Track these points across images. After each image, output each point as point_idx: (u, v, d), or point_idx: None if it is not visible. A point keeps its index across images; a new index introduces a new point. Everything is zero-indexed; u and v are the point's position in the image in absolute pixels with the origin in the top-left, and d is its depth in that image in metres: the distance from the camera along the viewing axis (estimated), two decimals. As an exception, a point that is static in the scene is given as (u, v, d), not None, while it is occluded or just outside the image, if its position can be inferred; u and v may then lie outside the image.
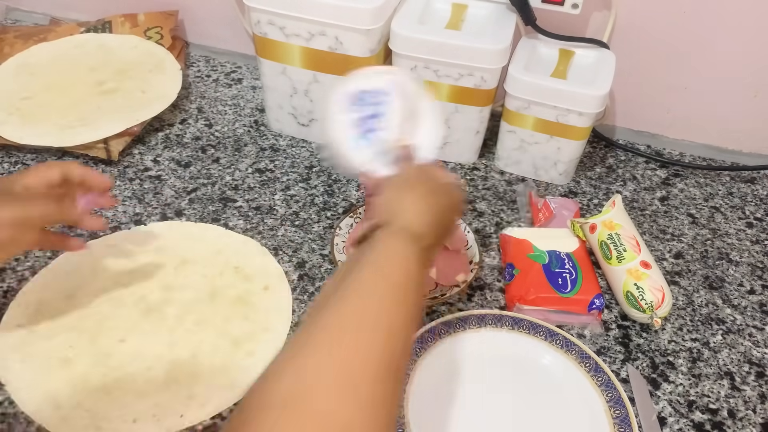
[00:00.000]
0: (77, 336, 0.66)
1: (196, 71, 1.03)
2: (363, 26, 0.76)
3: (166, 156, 0.88)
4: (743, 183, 0.91)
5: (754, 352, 0.70)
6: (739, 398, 0.66)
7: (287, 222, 0.80)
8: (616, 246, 0.72)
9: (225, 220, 0.79)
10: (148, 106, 0.90)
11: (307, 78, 0.84)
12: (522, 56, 0.82)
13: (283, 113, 0.90)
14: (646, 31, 0.86)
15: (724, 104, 0.90)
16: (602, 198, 0.87)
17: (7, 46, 1.00)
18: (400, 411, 0.60)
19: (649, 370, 0.67)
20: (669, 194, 0.88)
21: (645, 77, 0.90)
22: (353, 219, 0.78)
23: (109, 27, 1.03)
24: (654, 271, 0.70)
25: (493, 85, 0.80)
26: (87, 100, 0.92)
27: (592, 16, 0.87)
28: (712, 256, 0.80)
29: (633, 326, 0.71)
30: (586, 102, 0.78)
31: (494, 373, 0.65)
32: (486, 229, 0.81)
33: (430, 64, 0.79)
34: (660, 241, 0.81)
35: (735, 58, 0.86)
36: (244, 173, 0.86)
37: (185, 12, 1.05)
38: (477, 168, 0.90)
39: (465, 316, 0.68)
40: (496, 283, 0.75)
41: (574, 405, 0.63)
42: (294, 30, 0.79)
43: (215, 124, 0.94)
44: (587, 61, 0.83)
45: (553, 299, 0.70)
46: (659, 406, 0.65)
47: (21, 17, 1.12)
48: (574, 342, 0.67)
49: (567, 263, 0.73)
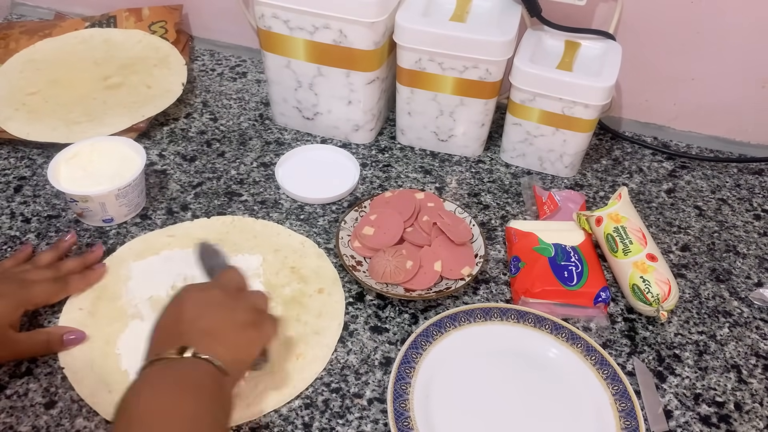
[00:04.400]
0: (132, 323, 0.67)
1: (201, 65, 1.03)
2: (367, 19, 0.76)
3: (172, 150, 0.88)
4: (751, 175, 0.91)
5: (761, 345, 0.70)
6: (745, 391, 0.66)
7: (292, 216, 0.80)
8: (622, 239, 0.71)
9: (230, 214, 0.79)
10: (154, 101, 0.90)
11: (312, 71, 0.84)
12: (527, 48, 0.81)
13: (288, 107, 0.90)
14: (653, 21, 0.85)
15: (731, 95, 0.90)
16: (608, 190, 0.86)
17: (12, 42, 1.00)
18: (406, 404, 0.60)
19: (655, 363, 0.67)
20: (676, 186, 0.88)
21: (651, 68, 0.90)
22: (358, 213, 0.78)
23: (113, 21, 1.04)
24: (660, 263, 0.70)
25: (499, 78, 0.80)
26: (92, 95, 0.92)
27: (598, 7, 0.86)
28: (719, 249, 0.80)
29: (639, 319, 0.71)
30: (592, 94, 0.77)
31: (500, 366, 0.65)
32: (491, 222, 0.81)
33: (434, 57, 0.79)
34: (666, 233, 0.81)
35: (743, 49, 0.85)
36: (249, 167, 0.86)
37: (189, 6, 1.05)
38: (482, 161, 0.90)
39: (470, 310, 0.68)
40: (502, 277, 0.75)
41: (579, 398, 0.63)
42: (298, 23, 0.79)
43: (220, 118, 0.94)
44: (593, 52, 0.83)
45: (559, 292, 0.70)
46: (665, 399, 0.64)
47: (26, 12, 1.12)
48: (580, 335, 0.67)
49: (573, 256, 0.72)
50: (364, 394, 0.63)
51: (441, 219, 0.74)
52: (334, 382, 0.64)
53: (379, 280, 0.70)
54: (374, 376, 0.65)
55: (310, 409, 0.62)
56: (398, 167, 0.88)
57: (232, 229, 0.77)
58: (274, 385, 0.63)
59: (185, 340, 0.50)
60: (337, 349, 0.67)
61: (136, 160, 0.77)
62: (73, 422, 0.59)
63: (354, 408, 0.62)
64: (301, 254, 0.75)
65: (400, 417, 0.59)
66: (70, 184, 0.74)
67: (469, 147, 0.89)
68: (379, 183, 0.85)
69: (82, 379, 0.62)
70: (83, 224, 0.77)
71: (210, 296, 0.55)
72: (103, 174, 0.76)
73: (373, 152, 0.90)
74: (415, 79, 0.82)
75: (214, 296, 0.55)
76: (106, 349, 0.65)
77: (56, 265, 0.69)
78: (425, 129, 0.88)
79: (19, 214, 0.78)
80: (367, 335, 0.68)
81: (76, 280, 0.68)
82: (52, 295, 0.67)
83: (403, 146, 0.91)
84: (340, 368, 0.65)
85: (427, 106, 0.85)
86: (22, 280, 0.65)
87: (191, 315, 0.53)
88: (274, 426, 0.60)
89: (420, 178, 0.86)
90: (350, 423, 0.61)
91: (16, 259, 0.71)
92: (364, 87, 0.83)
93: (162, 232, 0.76)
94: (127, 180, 0.74)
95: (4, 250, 0.74)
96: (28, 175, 0.83)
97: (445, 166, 0.88)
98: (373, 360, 0.66)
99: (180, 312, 0.53)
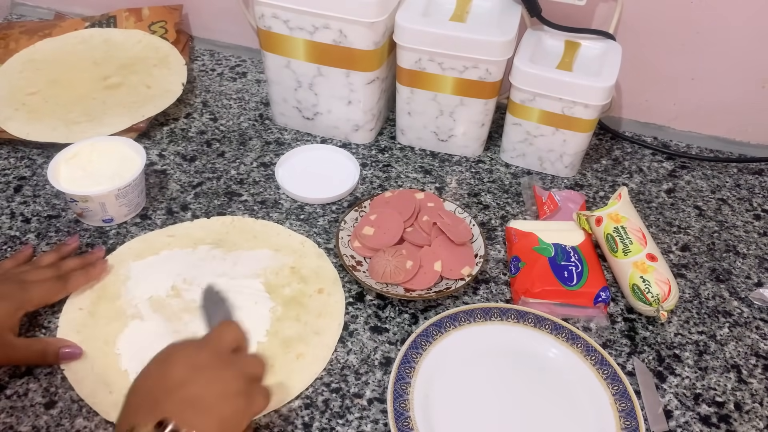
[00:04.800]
0: (132, 323, 0.67)
1: (201, 65, 1.03)
2: (367, 19, 0.76)
3: (171, 150, 0.88)
4: (751, 175, 0.91)
5: (761, 345, 0.70)
6: (745, 391, 0.66)
7: (292, 216, 0.80)
8: (622, 239, 0.71)
9: (230, 214, 0.79)
10: (153, 101, 0.90)
11: (312, 71, 0.84)
12: (527, 48, 0.81)
13: (288, 107, 0.90)
14: (653, 21, 0.85)
15: (731, 95, 0.89)
16: (608, 190, 0.86)
17: (12, 42, 1.00)
18: (406, 405, 0.60)
19: (655, 363, 0.67)
20: (676, 186, 0.88)
21: (651, 68, 0.90)
22: (358, 213, 0.78)
23: (113, 21, 1.04)
24: (660, 263, 0.70)
25: (498, 78, 0.80)
26: (92, 95, 0.92)
27: (598, 7, 0.86)
28: (719, 249, 0.80)
29: (639, 319, 0.71)
30: (591, 94, 0.77)
31: (500, 366, 0.65)
32: (491, 222, 0.81)
33: (434, 57, 0.79)
34: (666, 233, 0.81)
35: (743, 49, 0.85)
36: (249, 167, 0.86)
37: (189, 6, 1.05)
38: (482, 161, 0.90)
39: (470, 310, 0.68)
40: (502, 277, 0.75)
41: (579, 398, 0.63)
42: (298, 23, 0.79)
43: (220, 118, 0.94)
44: (593, 52, 0.83)
45: (559, 292, 0.70)
46: (665, 399, 0.64)
47: (26, 12, 1.12)
48: (580, 335, 0.67)
49: (573, 256, 0.72)
50: (364, 394, 0.63)
51: (441, 219, 0.74)
52: (334, 382, 0.64)
53: (379, 280, 0.70)
54: (374, 376, 0.65)
55: (310, 409, 0.62)
56: (398, 167, 0.88)
57: (231, 229, 0.77)
58: (274, 385, 0.62)
59: (166, 411, 0.45)
60: (337, 349, 0.67)
61: (136, 160, 0.77)
62: (73, 422, 0.59)
63: (354, 408, 0.62)
64: (301, 254, 0.75)
65: (400, 417, 0.59)
66: (70, 184, 0.74)
67: (469, 147, 0.89)
68: (379, 183, 0.85)
69: (82, 379, 0.62)
70: (83, 224, 0.77)
71: (200, 359, 0.49)
72: (103, 174, 0.76)
73: (373, 152, 0.90)
74: (415, 79, 0.82)
75: (204, 359, 0.49)
76: (105, 349, 0.65)
77: (57, 264, 0.69)
78: (425, 129, 0.88)
79: (19, 214, 0.78)
80: (367, 335, 0.68)
81: (76, 277, 0.68)
82: (52, 294, 0.67)
83: (403, 146, 0.91)
84: (340, 368, 0.65)
85: (427, 106, 0.85)
86: (21, 281, 0.65)
87: (176, 379, 0.47)
88: (274, 426, 0.60)
89: (420, 178, 0.86)
90: (350, 423, 0.61)
91: (16, 260, 0.71)
92: (364, 87, 0.83)
93: (162, 232, 0.76)
94: (127, 180, 0.74)
95: (4, 250, 0.74)
96: (28, 175, 0.83)
97: (445, 166, 0.88)
98: (373, 360, 0.66)
99: (165, 374, 0.48)
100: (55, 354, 0.63)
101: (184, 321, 0.67)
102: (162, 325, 0.67)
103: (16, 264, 0.70)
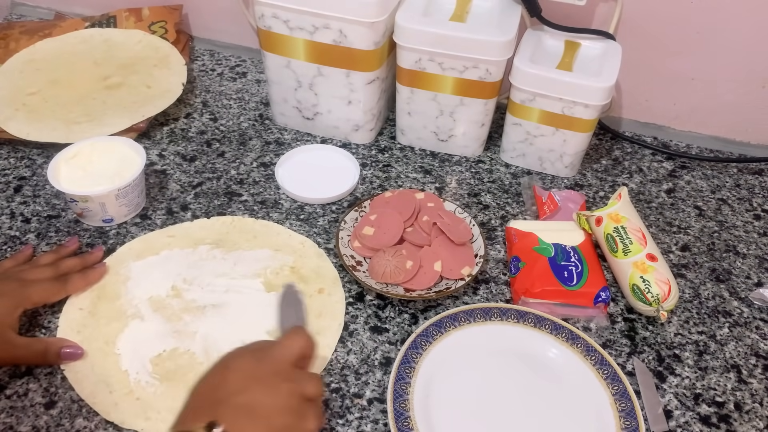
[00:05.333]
0: (132, 323, 0.67)
1: (201, 65, 1.03)
2: (367, 19, 0.76)
3: (171, 150, 0.88)
4: (751, 175, 0.91)
5: (761, 345, 0.70)
6: (745, 391, 0.66)
7: (292, 216, 0.80)
8: (622, 239, 0.71)
9: (230, 214, 0.79)
10: (153, 101, 0.90)
11: (312, 71, 0.84)
12: (527, 48, 0.81)
13: (288, 107, 0.90)
14: (653, 21, 0.85)
15: (731, 95, 0.89)
16: (608, 190, 0.86)
17: (12, 42, 1.00)
18: (406, 405, 0.60)
19: (655, 363, 0.67)
20: (676, 186, 0.88)
21: (651, 68, 0.90)
22: (358, 213, 0.78)
23: (113, 21, 1.04)
24: (660, 263, 0.70)
25: (498, 78, 0.80)
26: (92, 95, 0.92)
27: (598, 7, 0.86)
28: (719, 249, 0.80)
29: (639, 319, 0.71)
30: (591, 94, 0.77)
31: (500, 366, 0.65)
32: (491, 222, 0.81)
33: (434, 57, 0.79)
34: (666, 233, 0.81)
35: (743, 49, 0.85)
36: (249, 167, 0.86)
37: (189, 6, 1.05)
38: (482, 161, 0.90)
39: (470, 310, 0.68)
40: (502, 277, 0.75)
41: (579, 398, 0.63)
42: (298, 23, 0.79)
43: (220, 118, 0.94)
44: (593, 52, 0.83)
45: (559, 292, 0.70)
46: (665, 399, 0.64)
47: (26, 12, 1.12)
48: (580, 335, 0.67)
49: (572, 256, 0.72)
50: (364, 394, 0.63)
51: (441, 219, 0.74)
52: (334, 382, 0.64)
53: (379, 280, 0.70)
54: (374, 376, 0.65)
55: (310, 409, 0.62)
56: (398, 167, 0.88)
57: (231, 229, 0.77)
58: None
59: (219, 414, 0.46)
60: (337, 349, 0.67)
61: (136, 160, 0.77)
62: (73, 422, 0.59)
63: (354, 408, 0.62)
64: (301, 254, 0.75)
65: (400, 417, 0.59)
66: (70, 184, 0.74)
67: (469, 147, 0.89)
68: (379, 183, 0.85)
69: (82, 379, 0.62)
70: (83, 224, 0.77)
71: (259, 370, 0.50)
72: (103, 174, 0.76)
73: (373, 152, 0.90)
74: (415, 79, 0.82)
75: (263, 371, 0.50)
76: (105, 349, 0.65)
77: (56, 264, 0.69)
78: (425, 129, 0.88)
79: (19, 214, 0.78)
80: (367, 335, 0.68)
81: (75, 279, 0.68)
82: (52, 294, 0.67)
83: (403, 146, 0.91)
84: (340, 368, 0.65)
85: (427, 106, 0.85)
86: (21, 279, 0.65)
87: (234, 386, 0.49)
88: (274, 426, 0.60)
89: (420, 178, 0.86)
90: (350, 423, 0.61)
91: (15, 259, 0.71)
92: (364, 87, 0.83)
93: (162, 232, 0.77)
94: (127, 180, 0.74)
95: (4, 250, 0.74)
96: (28, 175, 0.83)
97: (445, 166, 0.88)
98: (373, 360, 0.66)
99: (223, 379, 0.49)
100: (56, 354, 0.63)
101: (185, 321, 0.67)
102: (162, 325, 0.67)
103: (16, 264, 0.70)
